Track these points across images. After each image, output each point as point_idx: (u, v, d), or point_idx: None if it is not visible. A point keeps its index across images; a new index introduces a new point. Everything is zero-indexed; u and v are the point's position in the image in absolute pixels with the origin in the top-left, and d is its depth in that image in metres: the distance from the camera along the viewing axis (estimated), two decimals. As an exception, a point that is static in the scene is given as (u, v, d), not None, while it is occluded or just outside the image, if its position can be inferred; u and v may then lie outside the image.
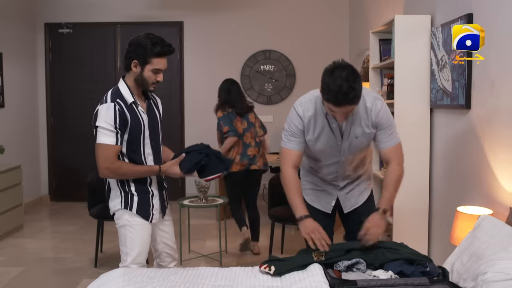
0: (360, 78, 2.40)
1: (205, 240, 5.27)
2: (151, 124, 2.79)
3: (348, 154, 2.71)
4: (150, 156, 2.79)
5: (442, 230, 3.69)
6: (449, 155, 3.64)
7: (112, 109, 2.62)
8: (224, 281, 2.40)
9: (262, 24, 7.29)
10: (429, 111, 3.87)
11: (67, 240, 5.43)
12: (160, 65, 2.68)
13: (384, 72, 4.42)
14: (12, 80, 6.50)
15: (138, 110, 2.72)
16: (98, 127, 2.63)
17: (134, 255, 2.77)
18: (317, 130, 2.65)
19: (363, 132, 2.64)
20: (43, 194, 7.35)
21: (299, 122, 2.65)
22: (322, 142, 2.66)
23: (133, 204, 2.76)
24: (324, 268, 2.41)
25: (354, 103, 2.41)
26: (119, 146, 2.66)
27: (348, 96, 2.34)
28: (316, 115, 2.64)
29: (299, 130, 2.66)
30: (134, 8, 7.22)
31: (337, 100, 2.36)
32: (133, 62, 2.67)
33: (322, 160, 2.77)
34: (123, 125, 2.65)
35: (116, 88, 2.73)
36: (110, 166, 2.65)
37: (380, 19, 5.27)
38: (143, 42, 2.64)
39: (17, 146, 6.55)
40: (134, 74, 2.70)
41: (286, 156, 2.70)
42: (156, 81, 2.71)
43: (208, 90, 7.37)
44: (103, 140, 2.63)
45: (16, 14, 6.69)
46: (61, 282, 4.19)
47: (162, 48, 2.65)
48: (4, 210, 5.36)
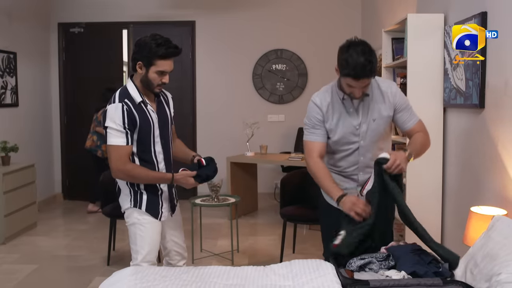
0: (375, 53, 2.54)
1: (217, 239, 5.28)
2: (161, 122, 2.79)
3: (367, 138, 2.72)
4: (161, 154, 2.80)
5: (455, 230, 3.66)
6: (462, 154, 3.61)
7: (120, 109, 2.62)
8: (235, 280, 2.40)
9: (274, 23, 7.28)
10: (442, 110, 3.85)
11: (80, 238, 5.47)
12: (165, 67, 2.64)
13: (396, 71, 4.39)
14: (26, 80, 6.56)
15: (147, 109, 2.71)
16: (108, 128, 2.64)
17: (144, 253, 2.78)
18: (335, 116, 2.72)
19: (380, 115, 2.70)
20: (57, 193, 7.41)
21: (318, 112, 2.74)
22: (341, 128, 2.72)
23: (142, 203, 2.77)
24: (336, 267, 2.40)
25: (371, 76, 2.53)
26: (130, 147, 2.67)
27: (365, 68, 2.47)
28: (333, 102, 2.73)
29: (319, 121, 2.74)
30: (146, 7, 7.25)
31: (356, 73, 2.47)
32: (138, 63, 2.66)
33: (342, 151, 2.77)
34: (132, 125, 2.65)
35: (124, 88, 2.72)
36: (122, 168, 2.65)
37: (392, 18, 5.24)
38: (147, 43, 2.62)
39: (31, 145, 6.61)
40: (140, 75, 2.68)
41: (310, 148, 2.76)
42: (162, 83, 2.68)
43: (220, 90, 7.41)
44: (114, 142, 2.64)
45: (29, 14, 6.75)
46: (74, 280, 4.22)
47: (167, 50, 2.61)
48: (18, 208, 5.41)
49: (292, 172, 4.77)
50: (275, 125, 7.33)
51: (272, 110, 7.41)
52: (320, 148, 2.75)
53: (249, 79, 7.42)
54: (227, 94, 7.43)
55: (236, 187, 6.07)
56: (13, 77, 6.22)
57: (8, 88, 6.11)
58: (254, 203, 6.63)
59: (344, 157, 2.80)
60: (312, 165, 2.73)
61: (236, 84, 7.40)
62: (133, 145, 2.70)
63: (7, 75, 6.08)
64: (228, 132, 7.29)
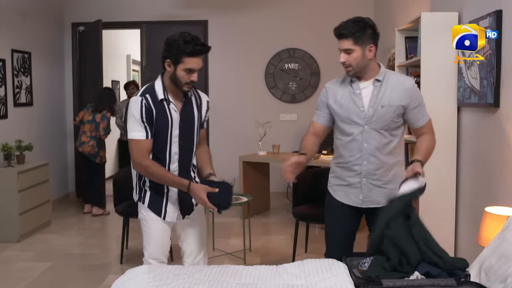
0: (368, 23, 2.70)
1: (229, 238, 5.29)
2: (184, 124, 2.76)
3: (373, 124, 2.71)
4: (176, 155, 2.77)
5: (470, 231, 3.63)
6: (476, 154, 3.58)
7: (139, 103, 2.65)
8: (248, 279, 2.40)
9: (286, 22, 7.28)
10: (457, 109, 3.82)
11: (93, 236, 5.51)
12: (192, 65, 2.64)
13: (410, 70, 4.36)
14: (40, 79, 6.62)
15: (169, 107, 2.71)
16: (128, 121, 2.69)
17: (150, 250, 2.82)
18: (339, 95, 2.81)
19: (391, 103, 2.71)
20: (70, 191, 7.47)
21: (324, 94, 2.90)
22: (345, 107, 2.77)
23: (145, 199, 2.80)
24: (349, 267, 2.39)
25: (350, 37, 2.66)
26: (149, 141, 2.68)
27: (348, 25, 2.67)
28: (342, 84, 2.84)
29: (323, 102, 2.89)
30: (159, 7, 7.27)
31: (339, 30, 2.70)
32: (166, 61, 2.66)
33: (348, 134, 2.78)
34: (150, 119, 2.67)
35: (151, 84, 2.75)
36: (140, 162, 2.68)
37: (406, 16, 5.21)
38: (176, 41, 2.61)
39: (45, 144, 6.67)
40: (169, 73, 2.68)
41: (310, 126, 2.97)
42: (190, 81, 2.67)
43: (233, 89, 7.42)
44: (134, 135, 2.68)
45: (43, 14, 6.81)
46: (87, 278, 4.25)
47: (194, 47, 2.61)
48: (33, 207, 5.47)
49: (304, 171, 4.76)
50: (288, 124, 7.33)
51: (284, 109, 7.41)
52: (317, 127, 2.92)
53: (261, 78, 7.42)
54: (239, 93, 7.43)
55: (248, 186, 6.08)
56: (27, 76, 6.28)
57: (23, 87, 6.17)
58: (266, 203, 6.63)
59: (349, 144, 2.78)
60: (303, 138, 2.96)
61: (248, 83, 7.40)
62: None
63: (22, 75, 6.14)
64: (241, 131, 7.29)
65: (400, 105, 2.72)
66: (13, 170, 5.25)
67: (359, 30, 2.65)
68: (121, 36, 9.58)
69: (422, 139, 2.80)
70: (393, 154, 2.80)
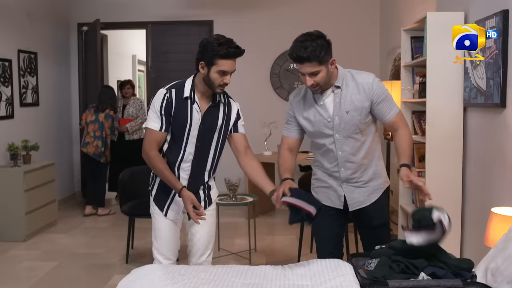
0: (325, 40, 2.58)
1: (235, 238, 5.29)
2: (204, 126, 2.76)
3: (342, 131, 2.69)
4: (191, 156, 2.78)
5: (476, 231, 3.62)
6: (483, 154, 3.56)
7: (162, 95, 2.72)
8: (254, 279, 2.40)
9: (292, 22, 7.25)
10: (463, 110, 3.80)
11: (99, 236, 5.53)
12: (226, 67, 2.65)
13: (416, 70, 4.35)
14: (46, 79, 6.65)
15: (192, 106, 2.73)
16: (150, 110, 2.75)
17: (157, 245, 2.86)
18: (306, 110, 2.77)
19: (355, 107, 2.67)
20: (76, 191, 7.49)
21: (290, 108, 2.88)
22: (313, 122, 2.75)
23: (153, 190, 2.88)
24: (354, 267, 2.39)
25: (313, 60, 2.53)
26: (162, 133, 2.72)
27: (306, 50, 2.52)
28: (305, 98, 2.79)
29: (291, 116, 2.87)
30: (164, 7, 7.29)
31: (298, 56, 2.54)
32: (200, 63, 2.67)
33: (321, 146, 2.78)
34: (168, 113, 2.71)
35: (182, 80, 2.79)
36: (148, 151, 2.73)
37: (412, 16, 5.19)
38: (210, 43, 2.63)
39: (51, 144, 6.70)
40: (202, 75, 2.69)
41: (282, 141, 2.96)
42: (223, 83, 2.69)
43: (238, 89, 7.38)
44: (149, 125, 2.74)
45: (49, 14, 6.84)
46: (93, 277, 4.27)
47: (228, 49, 2.63)
48: (39, 206, 5.49)
49: (309, 171, 4.74)
50: (293, 124, 7.30)
51: (289, 110, 7.39)
52: (290, 142, 2.89)
53: (266, 78, 7.42)
54: (244, 94, 7.40)
55: (253, 186, 6.03)
56: (34, 76, 6.31)
57: (29, 87, 6.20)
58: (271, 203, 6.50)
59: (325, 153, 2.79)
60: (278, 156, 2.93)
61: (253, 84, 7.40)
62: (168, 133, 2.76)
63: (28, 75, 6.16)
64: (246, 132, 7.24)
65: (363, 106, 2.67)
66: (19, 170, 5.27)
67: (321, 50, 2.54)
68: (127, 36, 9.60)
69: (398, 137, 2.71)
70: (369, 153, 2.78)
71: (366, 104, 2.67)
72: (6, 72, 5.65)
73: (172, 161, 2.79)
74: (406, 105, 4.38)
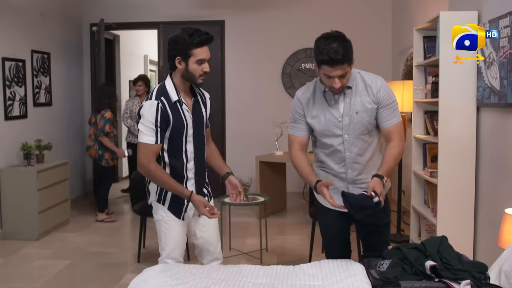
0: (350, 42, 2.56)
1: (246, 238, 5.29)
2: (196, 122, 2.80)
3: (351, 131, 2.68)
4: (192, 154, 2.80)
5: (489, 232, 3.59)
6: (496, 155, 3.53)
7: (154, 107, 2.65)
8: (265, 279, 2.40)
9: (303, 22, 7.25)
10: (476, 110, 3.77)
11: (111, 235, 5.56)
12: (202, 55, 2.68)
13: (428, 70, 4.32)
14: (59, 79, 6.70)
15: (182, 109, 2.73)
16: (140, 125, 2.69)
17: (168, 250, 2.82)
18: (316, 109, 2.73)
19: (364, 108, 2.67)
20: (88, 190, 7.54)
21: (299, 106, 2.79)
22: (323, 120, 2.71)
23: (166, 200, 2.80)
24: (366, 268, 2.38)
25: (346, 62, 2.51)
26: (158, 145, 2.69)
27: (339, 53, 2.47)
28: (315, 96, 2.75)
29: (300, 115, 2.79)
30: (176, 8, 7.31)
31: (331, 58, 2.47)
32: (176, 59, 2.69)
33: (329, 146, 2.75)
34: (165, 124, 2.67)
35: (162, 85, 2.76)
36: (146, 164, 2.67)
37: (424, 15, 5.16)
38: (180, 36, 2.67)
39: (64, 143, 6.75)
40: (180, 71, 2.71)
41: (291, 142, 2.85)
42: (203, 72, 2.71)
43: (249, 89, 7.42)
44: (143, 139, 2.68)
45: (62, 15, 6.89)
46: (105, 276, 4.29)
47: (200, 37, 2.66)
48: (52, 205, 5.53)
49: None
50: (304, 124, 7.29)
51: (301, 109, 7.37)
52: (301, 141, 2.82)
53: (278, 78, 7.41)
54: (256, 93, 7.43)
55: (265, 186, 6.08)
56: (47, 77, 6.36)
57: (42, 87, 6.25)
58: (282, 203, 6.62)
59: (332, 154, 2.76)
60: (293, 158, 2.82)
61: (265, 83, 7.40)
62: (164, 142, 2.73)
63: (41, 75, 6.21)
64: (257, 131, 7.29)
65: (372, 107, 2.68)
66: (32, 169, 5.32)
67: (350, 52, 2.54)
68: (139, 36, 9.64)
69: (388, 148, 2.72)
70: (374, 155, 2.78)
71: (374, 106, 2.68)
72: (20, 72, 5.70)
73: (179, 166, 2.78)
74: (418, 105, 4.35)
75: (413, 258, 2.34)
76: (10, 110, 5.50)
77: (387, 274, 2.28)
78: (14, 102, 5.58)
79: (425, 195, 4.28)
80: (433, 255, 2.33)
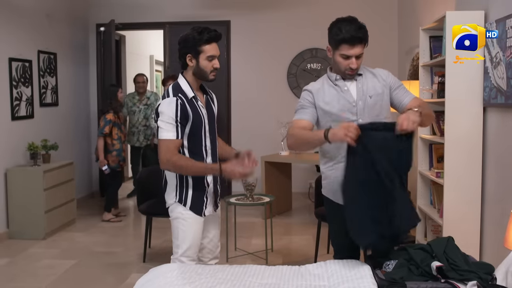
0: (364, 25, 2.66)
1: (251, 238, 5.29)
2: (209, 118, 2.87)
3: (366, 115, 2.68)
4: (209, 150, 2.86)
5: (496, 233, 3.57)
6: (503, 155, 3.51)
7: (174, 103, 2.71)
8: (271, 279, 2.40)
9: (309, 22, 7.24)
10: (482, 110, 3.75)
11: (116, 235, 5.57)
12: (212, 51, 2.77)
13: (434, 70, 4.31)
14: (65, 80, 6.72)
15: (198, 104, 2.79)
16: (160, 122, 2.72)
17: (185, 248, 2.83)
18: (328, 96, 2.73)
19: (376, 92, 2.72)
20: (94, 190, 7.56)
21: (308, 95, 2.77)
22: (336, 106, 2.71)
23: (187, 199, 2.82)
24: (372, 268, 2.37)
25: (364, 41, 2.62)
26: (179, 141, 2.73)
27: (359, 31, 2.58)
28: (324, 87, 2.77)
29: (309, 102, 2.75)
30: (182, 8, 7.32)
31: (351, 36, 2.56)
32: (187, 56, 2.76)
33: None
34: (185, 119, 2.72)
35: (176, 84, 2.81)
36: (170, 158, 2.70)
37: (430, 15, 5.14)
38: (189, 35, 2.76)
39: (70, 143, 6.77)
40: (192, 68, 2.79)
41: (294, 124, 2.73)
42: (214, 69, 2.79)
43: (255, 89, 7.42)
44: (165, 136, 2.71)
45: (68, 15, 6.91)
46: (111, 276, 4.30)
47: (209, 34, 2.75)
48: (58, 205, 5.56)
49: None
50: (310, 124, 7.29)
51: (306, 110, 7.37)
52: (304, 125, 2.68)
53: (283, 78, 7.41)
54: (261, 93, 7.43)
55: (270, 187, 6.08)
56: (53, 77, 6.39)
57: (49, 88, 6.28)
58: (288, 203, 6.62)
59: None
60: (292, 133, 2.68)
61: (270, 84, 7.40)
62: (184, 138, 2.76)
63: (47, 75, 6.24)
64: (263, 131, 7.29)
65: (384, 92, 2.74)
66: (39, 169, 5.34)
67: (367, 32, 2.65)
68: (145, 36, 9.67)
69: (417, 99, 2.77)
70: None
71: (386, 90, 2.74)
72: (27, 72, 5.73)
73: None
74: (425, 105, 4.34)
75: (419, 259, 2.34)
76: (17, 110, 5.53)
77: (393, 275, 2.27)
78: (20, 102, 5.61)
79: (431, 195, 4.26)
80: (439, 256, 2.33)
